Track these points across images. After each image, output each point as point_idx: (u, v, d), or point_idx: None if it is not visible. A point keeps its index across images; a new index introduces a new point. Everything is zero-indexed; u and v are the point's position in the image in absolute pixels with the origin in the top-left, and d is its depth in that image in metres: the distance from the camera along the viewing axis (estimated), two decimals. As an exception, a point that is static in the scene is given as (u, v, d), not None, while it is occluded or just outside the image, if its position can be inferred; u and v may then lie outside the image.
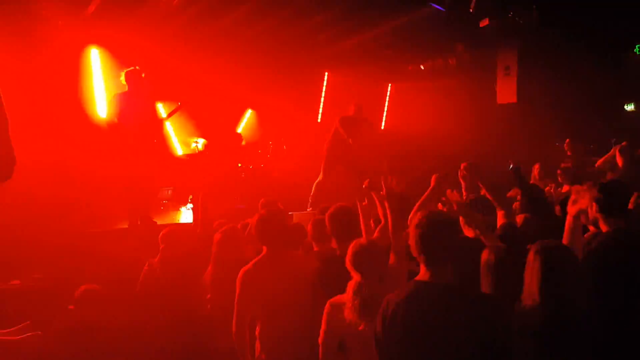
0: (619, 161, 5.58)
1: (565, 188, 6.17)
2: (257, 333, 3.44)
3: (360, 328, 2.72)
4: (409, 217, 2.99)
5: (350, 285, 2.80)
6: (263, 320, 3.41)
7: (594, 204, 3.01)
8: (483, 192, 4.09)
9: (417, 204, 3.51)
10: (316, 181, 8.71)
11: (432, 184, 3.67)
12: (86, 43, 8.60)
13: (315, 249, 3.92)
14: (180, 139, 10.34)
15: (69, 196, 7.38)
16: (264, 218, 3.47)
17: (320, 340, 2.97)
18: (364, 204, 3.82)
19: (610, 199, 3.00)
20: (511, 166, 4.63)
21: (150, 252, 4.84)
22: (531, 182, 7.85)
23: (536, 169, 8.21)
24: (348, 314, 2.76)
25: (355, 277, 2.81)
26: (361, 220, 3.72)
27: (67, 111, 8.11)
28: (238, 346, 3.40)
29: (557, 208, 4.17)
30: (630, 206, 3.25)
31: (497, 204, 3.71)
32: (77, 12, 8.03)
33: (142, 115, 7.02)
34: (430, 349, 2.20)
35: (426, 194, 3.62)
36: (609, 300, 2.73)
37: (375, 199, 3.82)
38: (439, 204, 3.67)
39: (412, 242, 2.34)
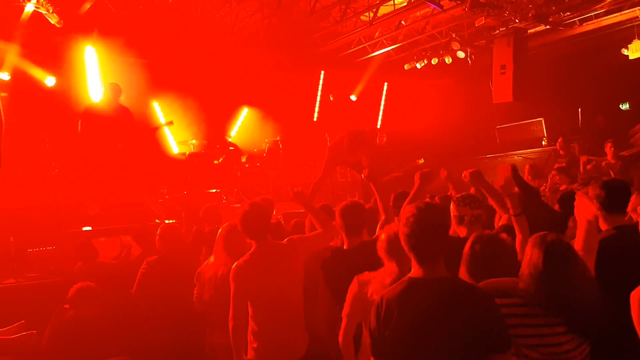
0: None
1: (563, 187, 6.18)
2: (249, 327, 3.43)
3: None
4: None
5: (386, 271, 2.78)
6: (257, 314, 3.40)
7: (594, 201, 3.02)
8: (473, 190, 4.11)
9: (406, 201, 3.56)
10: (315, 180, 8.69)
11: (417, 182, 3.72)
12: (82, 40, 8.57)
13: None
14: (177, 138, 10.32)
15: (63, 195, 7.35)
16: (248, 212, 3.45)
17: (344, 313, 2.98)
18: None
19: (612, 196, 3.00)
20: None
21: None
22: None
23: (527, 169, 8.23)
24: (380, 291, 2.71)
25: (390, 264, 2.79)
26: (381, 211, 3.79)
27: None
28: (234, 342, 3.39)
29: (557, 206, 4.16)
30: (629, 206, 3.26)
31: (501, 210, 3.71)
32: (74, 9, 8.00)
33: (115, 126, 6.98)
34: (427, 345, 2.19)
35: (412, 193, 3.69)
36: (612, 297, 2.72)
37: (373, 189, 3.88)
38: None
39: (401, 238, 2.31)
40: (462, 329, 2.17)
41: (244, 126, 11.50)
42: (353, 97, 12.75)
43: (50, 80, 8.13)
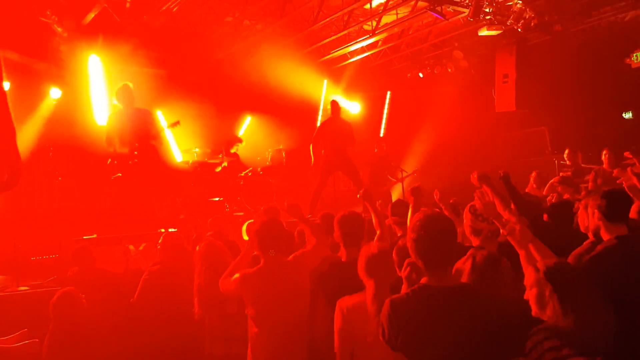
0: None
1: (566, 197, 6.16)
2: (252, 345, 3.41)
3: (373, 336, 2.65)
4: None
5: (369, 292, 2.75)
6: (260, 326, 3.39)
7: (595, 211, 3.02)
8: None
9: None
10: (313, 190, 8.69)
11: (410, 198, 4.06)
12: (86, 49, 8.62)
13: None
14: (181, 147, 10.33)
15: (69, 204, 7.38)
16: (265, 225, 3.46)
17: (335, 347, 2.96)
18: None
19: (613, 205, 3.00)
20: (501, 174, 4.61)
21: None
22: (527, 189, 7.86)
23: (533, 177, 8.20)
24: (365, 319, 2.72)
25: (369, 284, 2.77)
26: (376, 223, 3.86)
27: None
28: None
29: (545, 215, 4.15)
30: (633, 214, 3.25)
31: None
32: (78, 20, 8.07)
33: (138, 129, 6.87)
34: (441, 352, 2.21)
35: (411, 209, 4.00)
36: (614, 307, 2.70)
37: (369, 208, 3.90)
38: None
39: (409, 246, 2.33)
40: (475, 336, 2.19)
41: (247, 135, 11.51)
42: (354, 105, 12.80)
43: (55, 93, 8.08)
